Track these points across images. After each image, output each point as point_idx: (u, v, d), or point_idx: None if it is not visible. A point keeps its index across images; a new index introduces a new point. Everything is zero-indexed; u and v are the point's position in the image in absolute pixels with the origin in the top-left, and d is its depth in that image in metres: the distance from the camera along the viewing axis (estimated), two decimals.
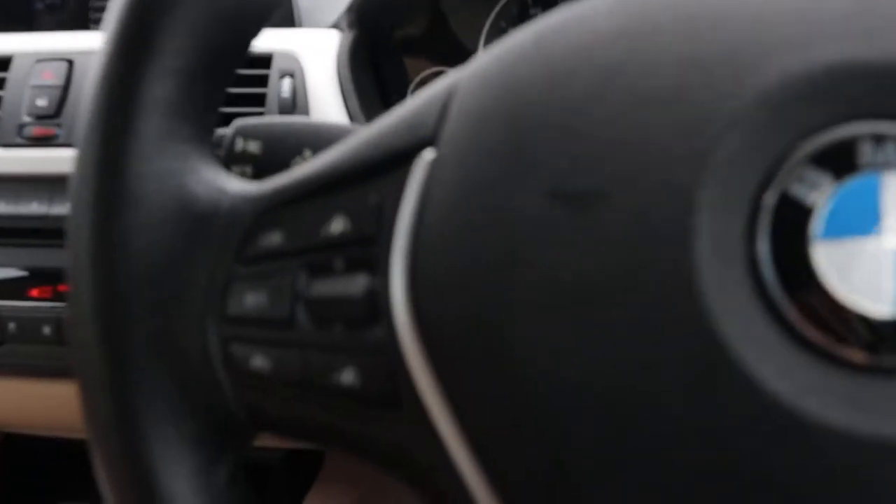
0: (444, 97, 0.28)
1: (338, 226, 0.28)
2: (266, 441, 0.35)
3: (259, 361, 0.29)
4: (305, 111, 0.70)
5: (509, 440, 0.25)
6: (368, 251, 0.28)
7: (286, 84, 0.71)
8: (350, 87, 0.70)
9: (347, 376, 0.27)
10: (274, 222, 0.30)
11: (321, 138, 0.44)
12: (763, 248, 0.23)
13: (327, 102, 0.71)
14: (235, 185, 0.31)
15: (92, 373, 0.30)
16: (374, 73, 0.76)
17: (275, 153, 0.44)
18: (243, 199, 0.31)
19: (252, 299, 0.29)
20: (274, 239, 0.30)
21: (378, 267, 0.27)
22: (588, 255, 0.23)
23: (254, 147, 0.44)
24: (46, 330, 0.72)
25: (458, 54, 0.80)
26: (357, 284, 0.27)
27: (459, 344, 0.25)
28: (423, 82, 0.80)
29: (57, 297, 0.73)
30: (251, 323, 0.29)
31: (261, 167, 0.44)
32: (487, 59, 0.28)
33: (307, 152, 0.44)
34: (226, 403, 0.30)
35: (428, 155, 0.27)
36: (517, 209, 0.25)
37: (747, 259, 0.23)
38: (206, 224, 0.30)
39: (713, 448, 0.22)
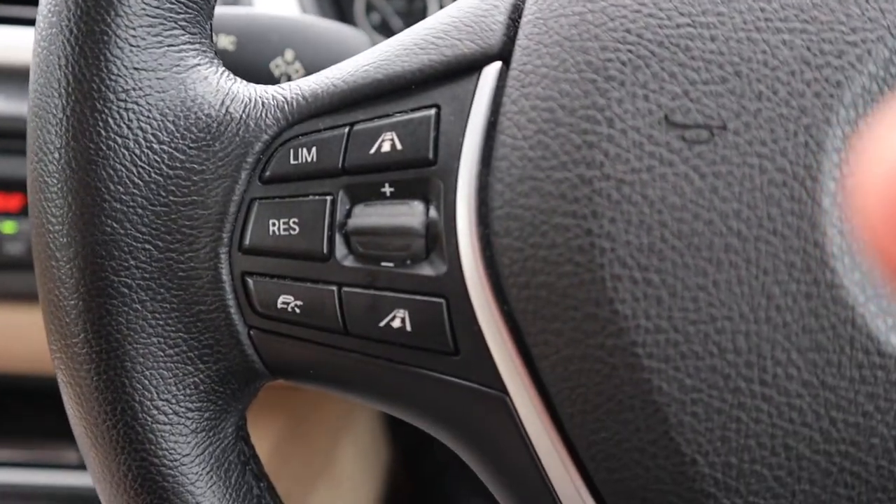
0: None
1: (387, 144, 0.24)
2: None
3: (286, 300, 0.25)
4: (248, 3, 0.63)
5: (595, 397, 0.22)
6: (424, 174, 0.24)
7: None
8: None
9: (396, 320, 0.24)
10: (305, 135, 0.25)
11: (308, 38, 0.39)
12: None
13: None
14: (247, 88, 0.26)
15: (68, 314, 0.25)
16: None
17: (250, 51, 0.39)
18: (262, 106, 0.26)
19: (277, 227, 0.25)
20: (305, 156, 0.25)
21: (436, 194, 0.23)
22: (705, 190, 0.21)
23: (226, 42, 0.38)
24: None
25: None
26: (412, 214, 0.23)
27: (539, 287, 0.22)
28: None
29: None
30: (276, 254, 0.25)
31: (232, 66, 0.39)
32: None
33: (289, 52, 0.39)
34: (239, 347, 0.26)
35: (496, 65, 0.23)
36: (623, 136, 0.21)
37: None
38: (215, 132, 0.25)
39: (821, 397, 0.21)
